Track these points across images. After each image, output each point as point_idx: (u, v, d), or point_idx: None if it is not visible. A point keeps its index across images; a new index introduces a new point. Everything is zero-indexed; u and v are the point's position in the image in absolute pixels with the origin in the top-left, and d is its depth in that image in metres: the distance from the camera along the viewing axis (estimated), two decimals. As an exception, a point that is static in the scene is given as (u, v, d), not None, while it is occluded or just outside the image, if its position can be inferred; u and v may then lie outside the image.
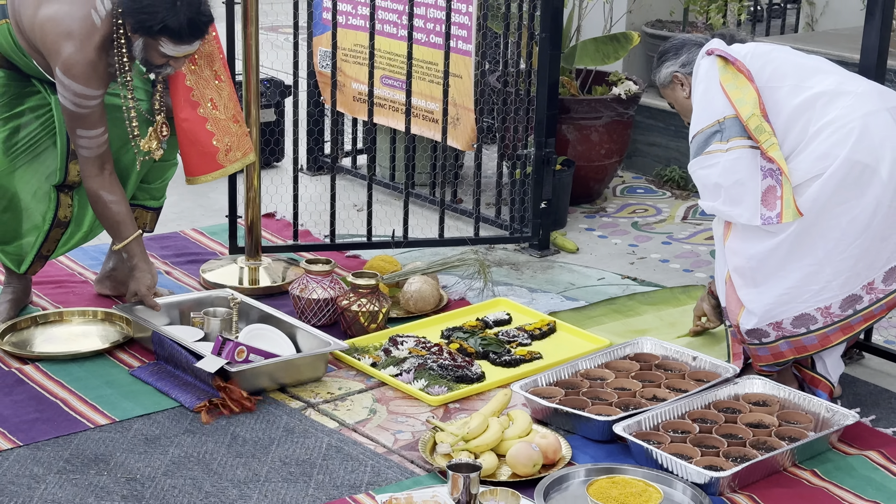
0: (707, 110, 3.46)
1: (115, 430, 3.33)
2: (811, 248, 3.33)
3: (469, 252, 4.58)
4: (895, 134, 3.30)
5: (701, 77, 3.52)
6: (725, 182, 3.37)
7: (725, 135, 3.39)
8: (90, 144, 3.70)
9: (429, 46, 4.68)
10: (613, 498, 2.94)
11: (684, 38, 3.78)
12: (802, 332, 3.38)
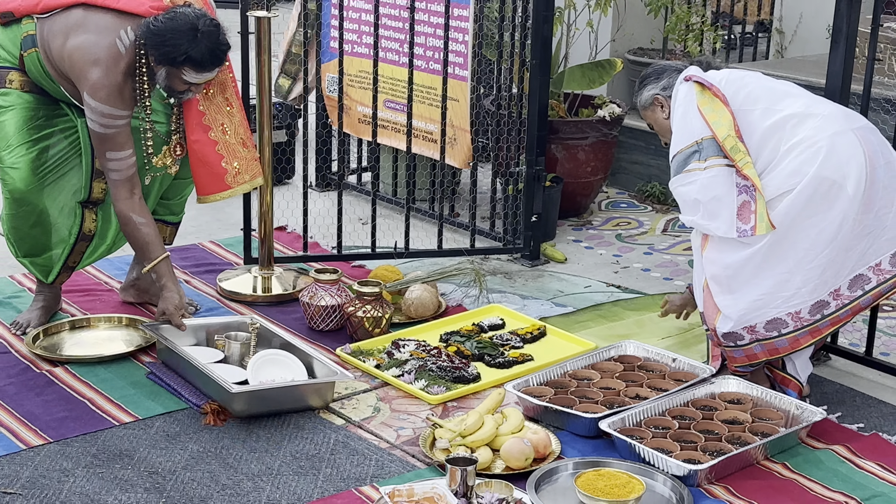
0: (686, 132, 3.46)
1: (138, 428, 3.34)
2: (783, 258, 3.34)
3: (465, 262, 4.60)
4: (860, 153, 3.30)
5: (680, 101, 3.52)
6: (704, 198, 3.38)
7: (703, 154, 3.39)
8: (119, 167, 3.69)
9: (428, 72, 4.69)
10: (599, 489, 2.94)
11: (665, 64, 3.78)
12: (774, 335, 3.39)
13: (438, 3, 4.57)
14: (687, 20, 5.69)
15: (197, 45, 3.60)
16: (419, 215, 5.07)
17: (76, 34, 3.62)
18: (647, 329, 4.13)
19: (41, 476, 3.06)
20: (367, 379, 3.68)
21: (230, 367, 3.54)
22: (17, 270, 4.44)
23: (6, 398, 3.46)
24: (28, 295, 4.19)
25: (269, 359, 3.55)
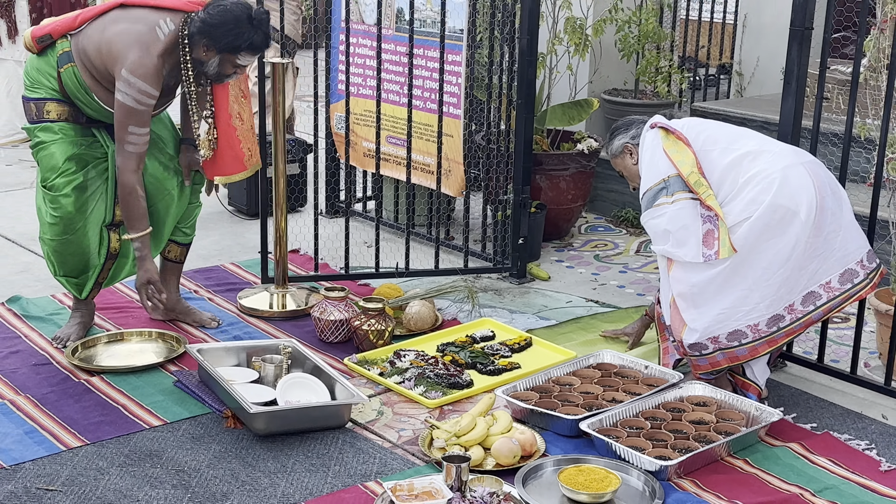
0: (654, 172, 3.50)
1: (166, 430, 3.34)
2: (743, 277, 3.36)
3: (459, 280, 4.61)
4: (809, 183, 3.33)
5: (647, 146, 3.57)
6: (673, 228, 3.42)
7: (670, 190, 3.44)
8: (138, 141, 3.66)
9: (425, 111, 4.70)
10: (580, 483, 2.95)
11: (632, 118, 3.82)
12: (735, 344, 3.40)
13: (434, 49, 4.59)
14: (656, 64, 5.72)
15: (256, 32, 3.64)
16: (418, 238, 5.08)
17: (115, 25, 3.64)
18: (622, 340, 4.13)
19: (79, 475, 3.06)
20: (371, 385, 3.68)
21: (261, 388, 3.50)
22: (57, 290, 4.44)
23: (48, 405, 3.46)
24: (67, 312, 4.19)
25: (296, 381, 3.51)
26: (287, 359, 3.63)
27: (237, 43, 3.62)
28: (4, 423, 3.33)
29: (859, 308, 3.74)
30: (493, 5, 4.77)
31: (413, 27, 4.58)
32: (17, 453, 3.16)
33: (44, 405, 3.46)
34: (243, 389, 3.40)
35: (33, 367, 3.75)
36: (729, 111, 5.75)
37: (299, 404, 3.38)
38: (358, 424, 3.41)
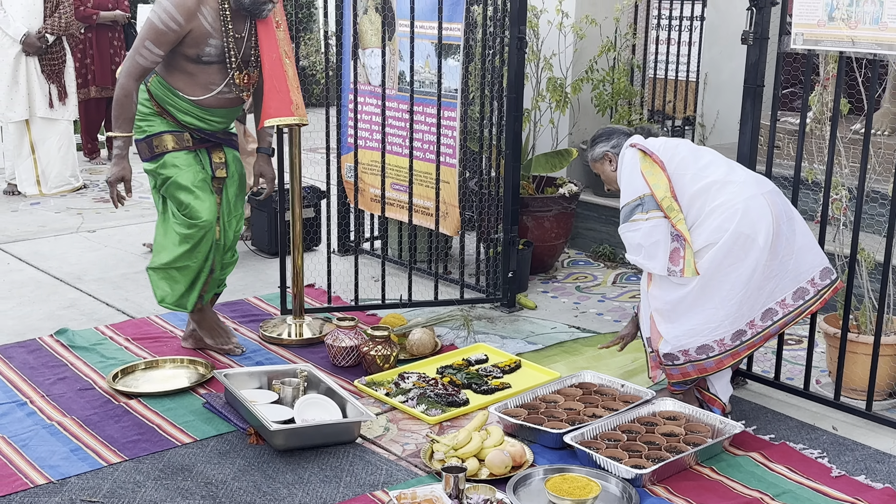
0: (631, 189, 3.49)
1: (196, 447, 3.32)
2: (710, 297, 3.38)
3: (456, 310, 4.61)
4: (768, 213, 3.35)
5: (626, 164, 3.55)
6: (646, 242, 3.41)
7: (645, 207, 3.42)
8: (149, 57, 3.61)
9: (425, 161, 4.73)
10: (564, 490, 2.93)
11: (613, 127, 3.78)
12: (703, 357, 3.42)
13: (432, 106, 4.62)
14: (628, 117, 5.74)
15: None
16: (419, 273, 5.08)
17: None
18: (601, 362, 4.12)
19: (118, 487, 3.05)
20: (378, 404, 3.66)
21: (281, 408, 3.48)
22: (100, 322, 4.44)
23: (91, 425, 3.45)
24: (109, 342, 4.19)
25: (312, 401, 3.49)
26: (303, 381, 3.62)
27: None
28: (52, 442, 3.32)
29: (811, 331, 3.74)
30: (484, 67, 4.80)
31: (413, 87, 4.61)
32: (64, 469, 3.15)
33: (87, 426, 3.45)
34: (265, 409, 3.39)
35: (78, 391, 3.73)
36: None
37: (314, 422, 3.37)
38: (367, 439, 3.39)
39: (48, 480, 3.07)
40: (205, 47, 3.70)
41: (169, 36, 3.61)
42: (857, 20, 3.31)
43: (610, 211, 5.62)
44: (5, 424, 3.44)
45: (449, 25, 4.52)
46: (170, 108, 3.78)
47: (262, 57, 3.84)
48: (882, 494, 3.07)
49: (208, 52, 3.72)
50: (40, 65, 6.60)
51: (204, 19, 3.66)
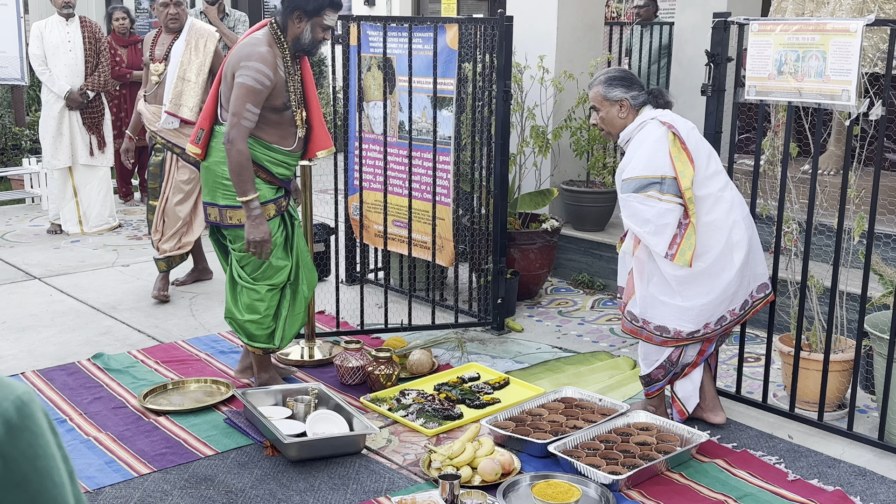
0: (653, 164, 3.26)
1: (218, 459, 3.30)
2: (703, 292, 3.36)
3: (451, 333, 4.60)
4: (745, 235, 3.37)
5: (653, 138, 3.29)
6: (657, 221, 3.24)
7: (665, 189, 3.23)
8: (251, 118, 3.42)
9: (422, 200, 4.73)
10: (549, 495, 2.91)
11: (633, 77, 3.47)
12: (658, 334, 3.43)
13: (428, 152, 4.63)
14: (603, 161, 5.77)
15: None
16: (418, 300, 5.07)
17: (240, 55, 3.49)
18: (581, 379, 4.10)
19: (148, 496, 3.02)
20: (382, 419, 3.65)
21: (294, 422, 3.45)
22: (132, 347, 4.43)
23: (123, 440, 3.43)
24: (141, 365, 4.17)
25: (322, 416, 3.47)
26: (314, 398, 3.60)
27: (321, 2, 3.48)
28: (89, 455, 3.30)
29: (767, 349, 3.73)
30: (474, 117, 4.82)
31: (411, 135, 4.63)
32: (99, 479, 3.13)
33: (120, 440, 3.43)
34: (279, 424, 3.37)
35: (112, 409, 3.71)
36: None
37: (324, 435, 3.35)
38: (371, 450, 3.37)
39: (85, 490, 3.05)
40: (284, 95, 3.57)
41: (264, 93, 3.44)
42: (802, 74, 3.34)
43: (588, 244, 5.63)
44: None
45: (443, 80, 4.55)
46: (266, 163, 3.58)
47: (308, 93, 3.73)
48: (833, 496, 3.05)
49: (287, 99, 3.59)
50: (82, 118, 6.61)
51: (280, 68, 3.55)
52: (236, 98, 3.41)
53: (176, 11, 4.97)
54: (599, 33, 5.95)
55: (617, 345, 4.60)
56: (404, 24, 4.58)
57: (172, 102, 4.86)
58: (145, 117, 5.02)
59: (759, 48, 3.44)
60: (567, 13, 5.69)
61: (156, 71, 4.98)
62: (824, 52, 3.27)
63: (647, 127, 3.32)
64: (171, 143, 4.95)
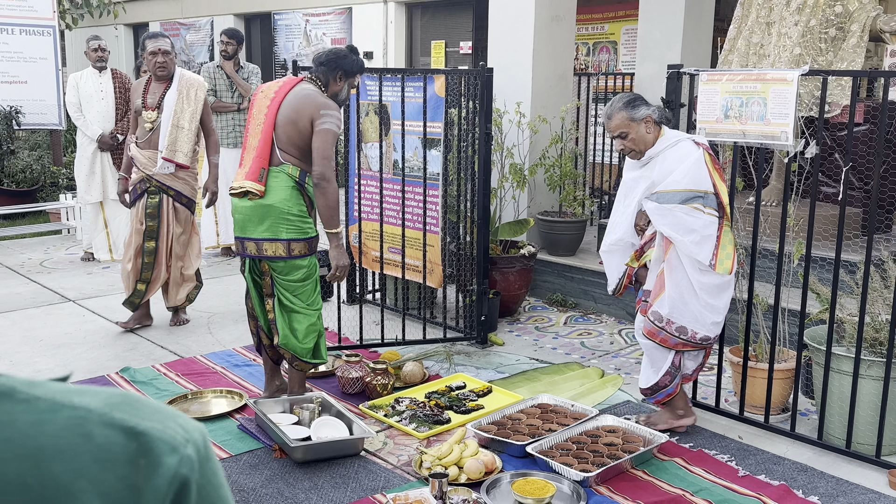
0: (698, 179, 3.13)
1: (231, 461, 3.27)
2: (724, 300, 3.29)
3: (440, 347, 4.59)
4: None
5: (695, 156, 3.16)
6: (703, 231, 3.12)
7: (707, 203, 3.12)
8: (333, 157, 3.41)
9: (414, 229, 4.75)
10: (527, 491, 2.90)
11: (637, 96, 3.30)
12: (678, 335, 3.29)
13: (419, 187, 4.65)
14: (574, 194, 5.80)
15: (359, 57, 3.59)
16: (411, 318, 5.07)
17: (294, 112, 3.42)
18: (556, 387, 4.10)
19: (169, 494, 2.99)
20: (378, 424, 3.63)
21: (300, 428, 3.42)
22: (156, 361, 4.40)
23: (147, 444, 3.39)
24: (163, 378, 4.14)
25: (325, 422, 3.44)
26: (318, 406, 3.59)
27: (357, 65, 3.52)
28: (116, 459, 3.27)
29: (719, 360, 3.74)
30: (459, 156, 4.85)
31: (404, 172, 4.65)
32: (125, 480, 3.09)
33: (145, 444, 3.39)
34: (287, 429, 3.35)
35: (138, 417, 3.68)
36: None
37: (326, 439, 3.33)
38: (369, 452, 3.35)
39: (112, 490, 3.02)
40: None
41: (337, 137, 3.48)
42: (746, 118, 3.38)
43: (561, 267, 5.64)
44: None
45: (432, 124, 4.58)
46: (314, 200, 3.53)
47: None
48: (778, 490, 3.05)
49: None
50: (112, 158, 6.61)
51: None
52: (325, 142, 3.36)
53: (164, 60, 4.62)
54: (569, 83, 6.01)
55: (587, 357, 4.60)
56: (398, 75, 4.62)
57: (169, 149, 4.60)
58: (139, 162, 4.68)
59: (708, 95, 3.48)
60: (541, 65, 5.75)
61: (149, 118, 4.64)
62: (765, 98, 3.31)
63: (684, 145, 3.18)
64: (166, 185, 4.66)
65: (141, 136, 4.70)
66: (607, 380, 4.17)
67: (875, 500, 2.99)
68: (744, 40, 4.63)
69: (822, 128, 3.26)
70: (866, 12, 4.22)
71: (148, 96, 4.69)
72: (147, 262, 4.70)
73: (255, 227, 3.46)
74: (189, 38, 16.81)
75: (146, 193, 4.67)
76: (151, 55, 4.63)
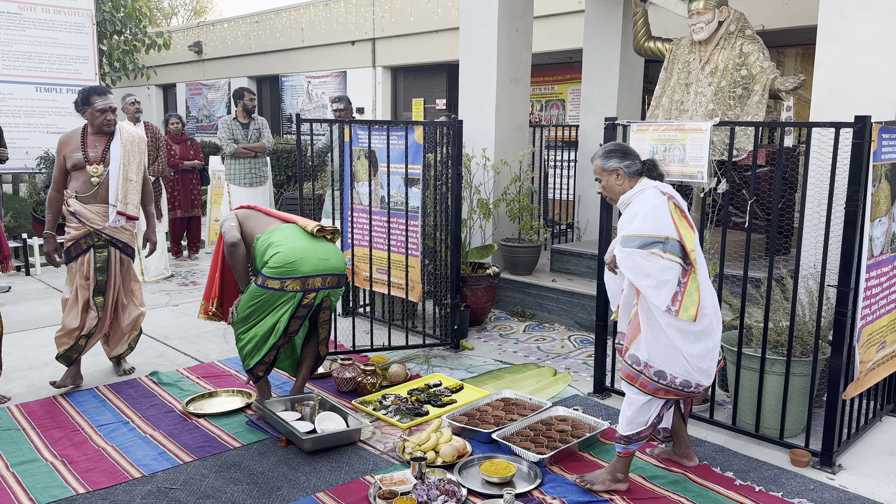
0: (658, 225, 2.69)
1: (244, 450, 3.22)
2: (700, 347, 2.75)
3: (420, 351, 4.57)
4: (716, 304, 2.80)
5: (655, 203, 2.73)
6: (658, 277, 2.65)
7: (668, 248, 2.66)
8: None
9: (398, 253, 4.74)
10: (493, 471, 2.89)
11: (628, 149, 2.91)
12: (656, 380, 2.75)
13: (402, 219, 4.65)
14: (530, 223, 5.84)
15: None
16: (395, 327, 5.05)
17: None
18: (516, 383, 4.09)
19: (190, 478, 2.94)
20: (368, 417, 3.59)
21: (304, 422, 3.37)
22: (180, 367, 4.33)
23: (172, 436, 3.34)
24: (186, 380, 4.08)
25: (325, 416, 3.40)
26: (317, 403, 3.55)
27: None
28: (146, 448, 3.21)
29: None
30: (436, 193, 4.86)
31: (390, 206, 4.65)
32: (153, 466, 3.04)
33: (170, 436, 3.34)
34: (295, 424, 3.31)
35: (164, 413, 3.62)
36: (573, 249, 5.86)
37: (331, 431, 3.28)
38: (360, 441, 3.32)
39: (142, 474, 2.97)
40: None
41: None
42: (669, 160, 3.44)
43: (520, 284, 5.66)
44: (114, 437, 3.33)
45: (412, 166, 4.59)
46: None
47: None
48: (700, 469, 3.06)
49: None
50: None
51: None
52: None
53: (114, 118, 3.87)
54: (526, 132, 6.07)
55: (542, 358, 4.60)
56: (384, 126, 4.64)
57: (122, 202, 3.86)
58: (85, 217, 3.82)
59: (638, 142, 3.54)
60: (502, 118, 5.81)
61: (95, 172, 3.82)
62: (684, 144, 3.37)
63: (648, 193, 2.79)
64: (114, 238, 3.89)
65: (84, 191, 3.83)
66: (559, 378, 4.18)
67: (780, 475, 3.01)
68: (667, 98, 4.72)
69: (730, 169, 3.33)
70: (766, 75, 4.33)
71: (89, 150, 3.86)
72: (95, 316, 3.90)
73: (339, 262, 3.46)
74: (210, 97, 16.75)
75: (93, 248, 3.87)
76: (101, 112, 3.84)
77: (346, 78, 13.35)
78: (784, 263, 4.81)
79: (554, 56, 9.91)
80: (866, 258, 3.02)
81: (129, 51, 12.76)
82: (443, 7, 11.18)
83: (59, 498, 2.77)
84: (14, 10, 7.93)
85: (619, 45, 6.44)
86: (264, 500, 2.78)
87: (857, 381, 3.13)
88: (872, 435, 3.39)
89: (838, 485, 2.94)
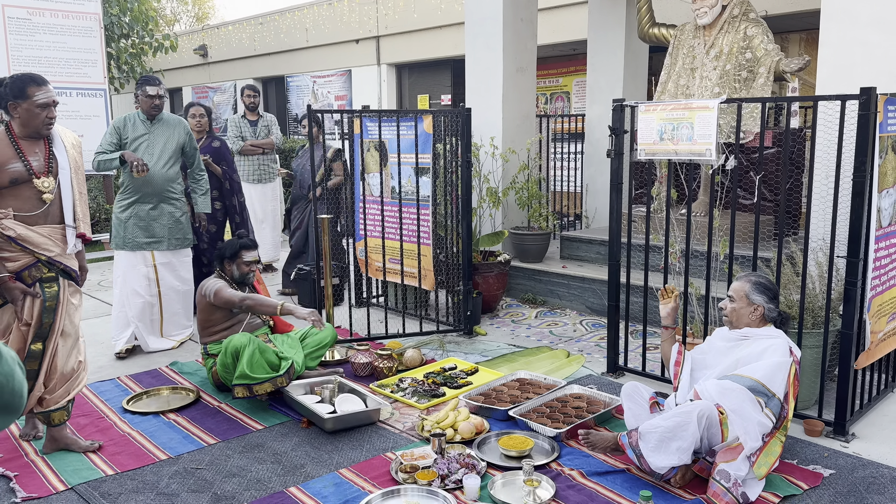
0: (774, 381, 2.59)
1: (267, 432, 3.29)
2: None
3: (434, 337, 4.63)
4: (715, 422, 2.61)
5: (780, 361, 2.62)
6: (750, 420, 2.54)
7: (770, 405, 2.57)
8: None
9: (410, 243, 4.79)
10: (511, 445, 2.93)
11: (777, 291, 2.81)
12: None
13: (413, 208, 4.70)
14: (539, 211, 5.88)
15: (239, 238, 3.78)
16: (409, 315, 5.10)
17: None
18: (530, 365, 4.14)
19: (215, 458, 3.01)
20: (386, 399, 3.65)
21: (324, 405, 3.44)
22: (199, 356, 4.40)
23: (196, 420, 3.41)
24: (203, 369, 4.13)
25: (344, 398, 3.46)
26: (336, 386, 3.61)
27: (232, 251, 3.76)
28: (170, 432, 3.28)
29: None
30: (446, 182, 4.91)
31: (401, 196, 4.71)
32: (179, 449, 3.11)
33: (194, 421, 3.41)
34: (315, 407, 3.37)
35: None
36: (582, 235, 5.90)
37: (351, 411, 3.34)
38: (380, 421, 3.38)
39: (168, 456, 3.03)
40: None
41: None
42: (678, 139, 3.48)
43: (531, 272, 5.71)
44: (140, 422, 3.40)
45: (422, 156, 4.64)
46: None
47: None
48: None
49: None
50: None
51: None
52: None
53: (55, 115, 2.85)
54: (533, 121, 6.11)
55: (555, 342, 4.65)
56: (393, 116, 4.70)
57: (81, 222, 2.96)
58: (34, 242, 2.83)
59: (646, 122, 3.59)
60: (509, 107, 5.86)
61: (46, 188, 2.83)
62: (692, 122, 3.41)
63: (779, 343, 2.65)
64: (67, 266, 2.94)
65: (29, 209, 2.83)
66: (572, 359, 4.23)
67: (794, 444, 3.05)
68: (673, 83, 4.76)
69: (738, 147, 3.37)
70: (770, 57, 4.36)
71: (30, 159, 2.84)
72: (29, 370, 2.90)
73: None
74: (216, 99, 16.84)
75: (39, 282, 2.87)
76: (42, 108, 2.81)
77: (350, 76, 13.41)
78: (794, 241, 4.84)
79: (558, 48, 9.94)
80: (875, 229, 3.06)
81: (137, 54, 12.87)
82: (446, 2, 11.23)
83: (90, 479, 2.84)
84: (23, 16, 8.04)
85: (624, 32, 6.47)
86: (289, 476, 2.85)
87: (867, 351, 3.17)
88: (884, 405, 3.43)
89: (852, 452, 2.98)
